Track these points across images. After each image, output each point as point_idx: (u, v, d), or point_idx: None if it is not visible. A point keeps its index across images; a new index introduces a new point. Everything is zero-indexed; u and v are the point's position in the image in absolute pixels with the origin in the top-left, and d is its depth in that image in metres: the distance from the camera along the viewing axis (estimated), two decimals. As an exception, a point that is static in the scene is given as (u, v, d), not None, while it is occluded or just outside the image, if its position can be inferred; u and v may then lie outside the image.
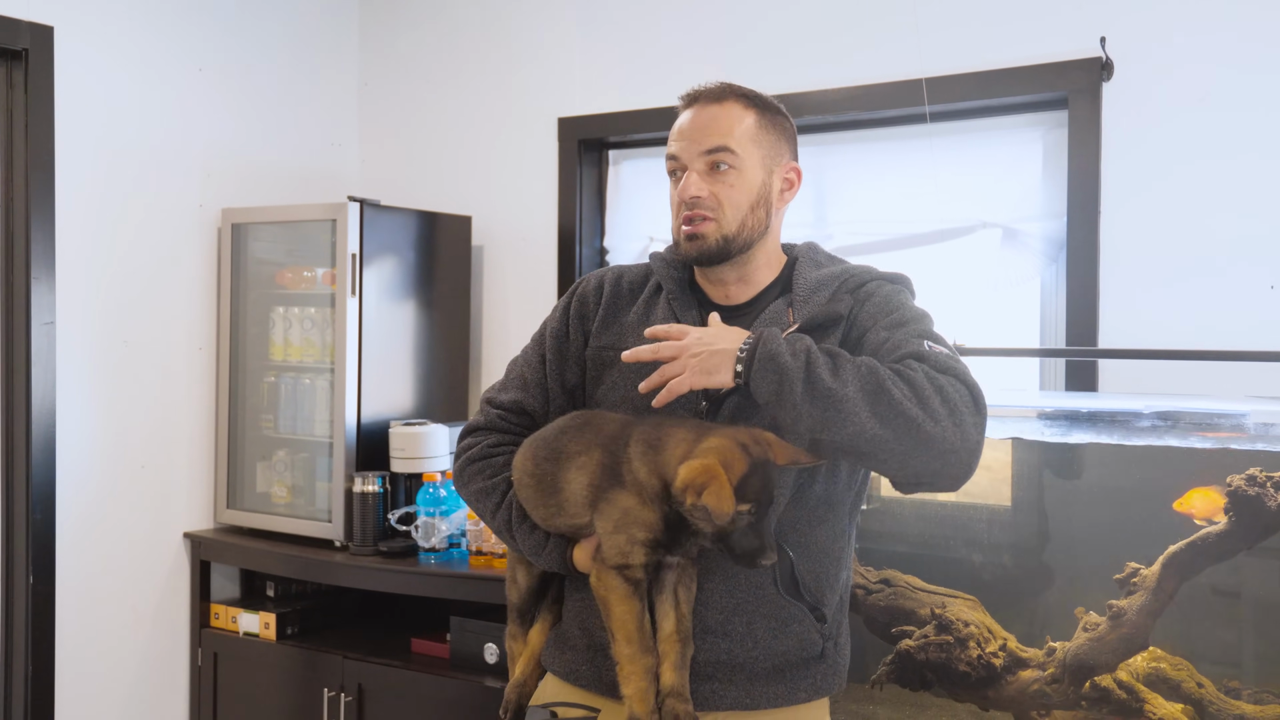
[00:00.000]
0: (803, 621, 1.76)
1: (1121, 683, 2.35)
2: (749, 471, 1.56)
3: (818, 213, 3.35)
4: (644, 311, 1.87)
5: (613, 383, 1.83)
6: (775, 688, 1.75)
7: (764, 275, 1.86)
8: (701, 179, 1.78)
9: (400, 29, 4.09)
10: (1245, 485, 2.23)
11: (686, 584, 1.70)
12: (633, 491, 1.64)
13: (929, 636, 2.49)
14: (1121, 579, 2.37)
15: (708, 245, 1.79)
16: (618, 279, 1.93)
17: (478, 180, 3.91)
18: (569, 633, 1.85)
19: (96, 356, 3.42)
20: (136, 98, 3.51)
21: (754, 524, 1.58)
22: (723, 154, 1.78)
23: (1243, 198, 2.74)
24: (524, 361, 1.92)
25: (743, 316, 1.83)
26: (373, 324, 3.48)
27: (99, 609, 3.43)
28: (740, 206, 1.79)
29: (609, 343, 1.86)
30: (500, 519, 1.83)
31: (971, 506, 2.60)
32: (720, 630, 1.73)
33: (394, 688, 3.19)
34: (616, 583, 1.64)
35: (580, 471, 1.70)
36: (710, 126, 1.79)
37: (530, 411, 1.88)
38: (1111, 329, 2.89)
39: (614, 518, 1.65)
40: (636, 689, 1.63)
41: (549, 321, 1.94)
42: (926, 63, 3.03)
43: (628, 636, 1.64)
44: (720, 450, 1.57)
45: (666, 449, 1.62)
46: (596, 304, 1.90)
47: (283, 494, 3.64)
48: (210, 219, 3.71)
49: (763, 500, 1.58)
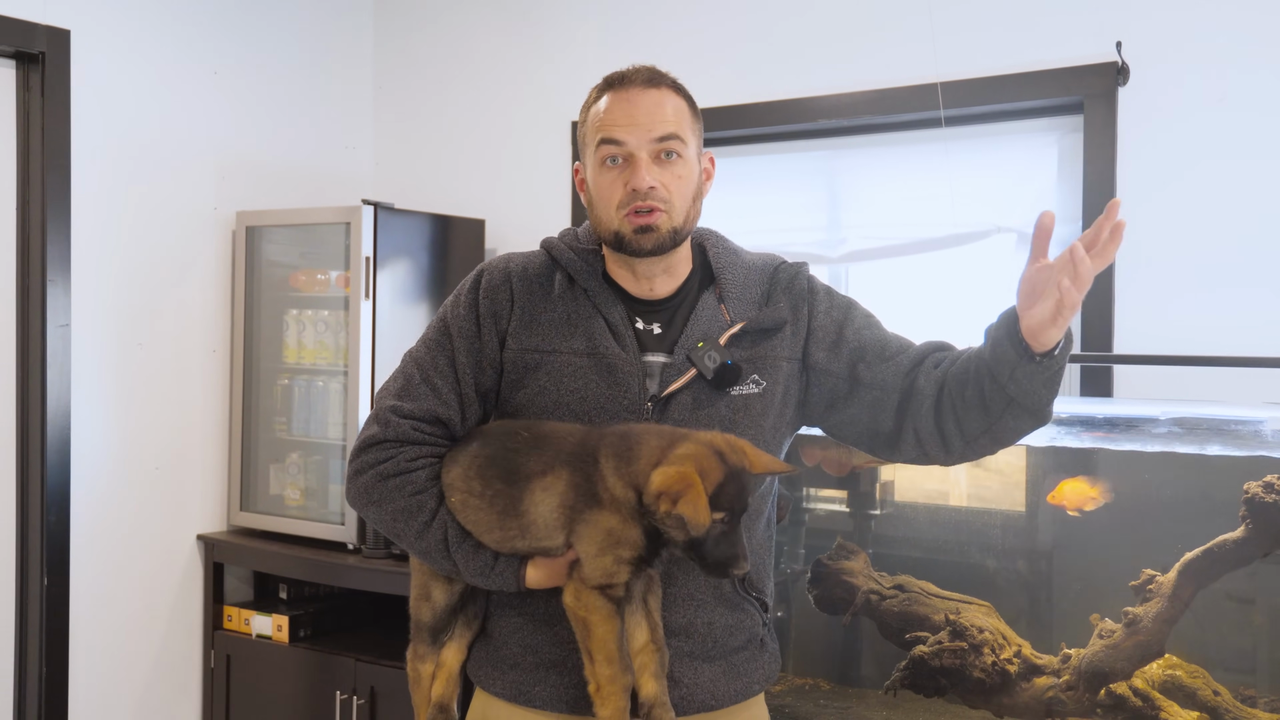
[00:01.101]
0: (752, 614, 1.77)
1: (1137, 690, 2.34)
2: (724, 480, 1.52)
3: (831, 216, 3.34)
4: (563, 309, 1.74)
5: (540, 387, 1.71)
6: (734, 683, 1.75)
7: (684, 266, 1.79)
8: (649, 168, 1.68)
9: (414, 31, 4.09)
10: (1262, 492, 2.21)
11: (655, 592, 1.66)
12: (612, 511, 1.57)
13: (943, 643, 2.48)
14: (1137, 586, 2.35)
15: (661, 237, 1.69)
16: (523, 270, 1.78)
17: (491, 183, 3.91)
18: (506, 651, 1.75)
19: (111, 359, 3.43)
20: (151, 100, 3.52)
21: (727, 533, 1.54)
22: (673, 142, 1.69)
23: (1259, 201, 2.73)
24: (430, 364, 1.75)
25: (667, 310, 1.77)
26: (386, 327, 3.48)
27: (112, 610, 3.44)
28: (686, 197, 1.71)
29: (532, 344, 1.73)
30: (432, 539, 1.68)
31: (986, 512, 2.60)
32: (683, 631, 1.71)
33: (406, 691, 3.17)
34: (599, 603, 1.58)
35: (546, 493, 1.62)
36: (656, 113, 1.69)
37: (445, 420, 1.73)
38: (1127, 334, 2.88)
39: (597, 540, 1.58)
40: (615, 709, 1.58)
41: (452, 319, 1.77)
42: (942, 67, 3.02)
43: (609, 657, 1.58)
44: (696, 457, 1.52)
45: (639, 458, 1.56)
46: (509, 300, 1.75)
47: (295, 496, 3.64)
48: (224, 221, 3.71)
49: (736, 509, 1.54)
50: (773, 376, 1.74)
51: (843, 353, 1.76)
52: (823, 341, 1.76)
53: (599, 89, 1.75)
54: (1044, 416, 1.64)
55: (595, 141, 1.71)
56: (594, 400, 1.69)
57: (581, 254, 1.77)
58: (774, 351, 1.75)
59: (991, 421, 1.64)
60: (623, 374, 1.70)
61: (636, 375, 1.70)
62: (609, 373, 1.70)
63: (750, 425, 1.71)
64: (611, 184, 1.70)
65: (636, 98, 1.69)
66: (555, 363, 1.72)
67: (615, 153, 1.69)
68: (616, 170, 1.70)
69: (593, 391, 1.70)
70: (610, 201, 1.70)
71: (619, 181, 1.69)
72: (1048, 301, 1.51)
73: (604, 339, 1.71)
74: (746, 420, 1.71)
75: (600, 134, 1.70)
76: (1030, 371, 1.56)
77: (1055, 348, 1.56)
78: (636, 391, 1.69)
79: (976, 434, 1.67)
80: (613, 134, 1.69)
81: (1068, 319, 1.52)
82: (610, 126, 1.69)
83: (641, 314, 1.75)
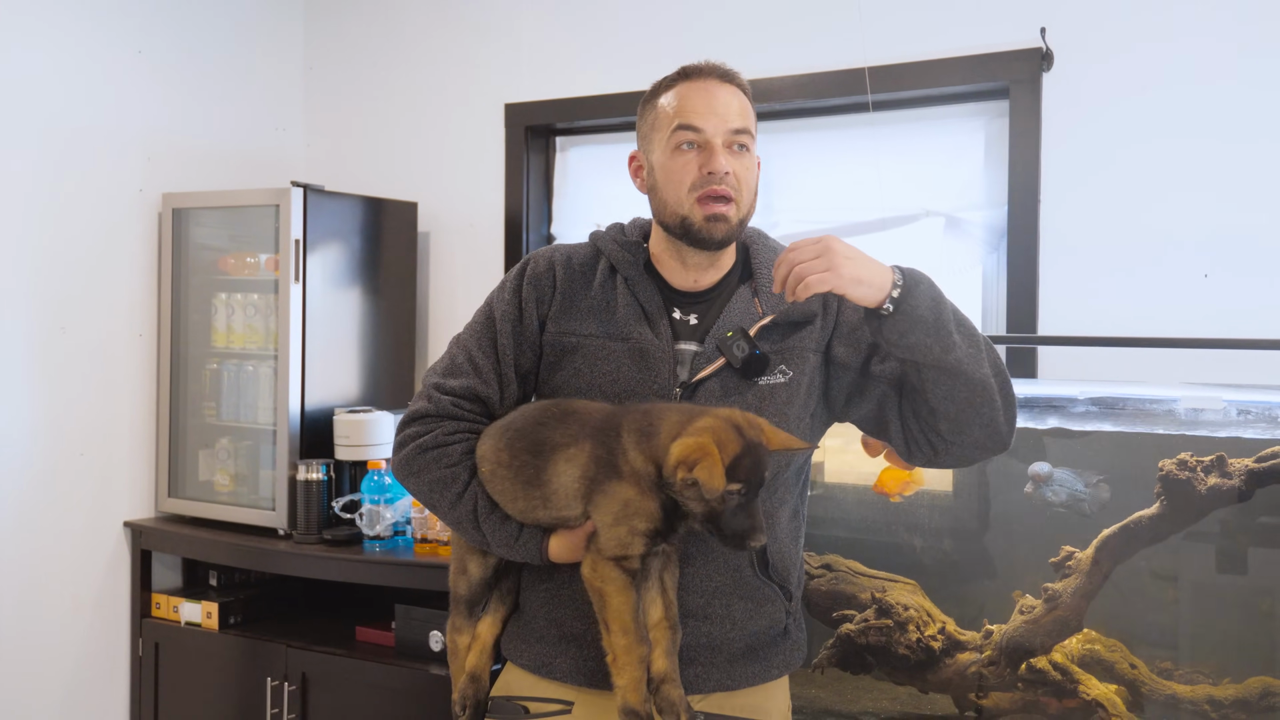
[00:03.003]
0: (774, 601, 1.80)
1: (1057, 664, 2.39)
2: (741, 452, 1.56)
3: (764, 200, 3.31)
4: (602, 296, 1.82)
5: (575, 369, 1.79)
6: (751, 667, 1.79)
7: (728, 260, 1.86)
8: (725, 155, 1.74)
9: (346, 11, 4.04)
10: (1176, 470, 2.27)
11: (671, 570, 1.70)
12: (631, 482, 1.63)
13: (869, 620, 2.52)
14: (1057, 562, 2.41)
15: (731, 229, 1.76)
16: (568, 260, 1.86)
17: (424, 166, 3.88)
18: (534, 624, 1.83)
19: (33, 343, 3.36)
20: (74, 81, 3.44)
21: (744, 504, 1.58)
22: (744, 136, 1.76)
23: (1179, 186, 2.78)
24: (474, 345, 1.84)
25: (706, 302, 1.82)
26: (317, 310, 3.45)
27: (37, 599, 3.38)
28: (752, 190, 1.80)
29: (570, 328, 1.81)
30: (463, 510, 1.76)
31: (913, 492, 2.63)
32: (701, 614, 1.75)
33: (338, 676, 3.17)
34: (615, 574, 1.63)
35: (569, 464, 1.68)
36: (733, 105, 1.76)
37: (484, 398, 1.81)
38: (1051, 316, 2.93)
39: (614, 510, 1.64)
40: (631, 679, 1.63)
41: (497, 303, 1.86)
42: (870, 52, 3.04)
43: (624, 628, 1.63)
44: (714, 429, 1.57)
45: (659, 432, 1.61)
46: (551, 287, 1.84)
47: (225, 482, 3.60)
48: (151, 204, 3.65)
49: (753, 481, 1.58)
50: (799, 368, 1.77)
51: (861, 347, 1.79)
52: (846, 336, 1.80)
53: (671, 79, 1.81)
54: (962, 374, 1.64)
55: (671, 127, 1.77)
56: (625, 384, 1.76)
57: (625, 245, 1.84)
58: (802, 343, 1.78)
59: (926, 399, 1.69)
60: (654, 360, 1.76)
61: (667, 361, 1.76)
62: (641, 358, 1.77)
63: (775, 414, 1.74)
64: (685, 167, 1.75)
65: (714, 89, 1.77)
66: (590, 346, 1.79)
67: (692, 139, 1.75)
68: (692, 154, 1.75)
69: (624, 375, 1.77)
70: (682, 184, 1.75)
71: (693, 164, 1.75)
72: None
73: (638, 326, 1.78)
74: (772, 409, 1.74)
75: (678, 119, 1.76)
76: (892, 325, 1.62)
77: (892, 291, 1.61)
78: (667, 377, 1.75)
79: (931, 419, 1.70)
80: (691, 120, 1.75)
81: (834, 283, 1.60)
82: (688, 113, 1.75)
83: (679, 304, 1.82)
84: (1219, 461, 2.25)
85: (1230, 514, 2.29)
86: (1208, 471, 2.26)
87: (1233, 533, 2.31)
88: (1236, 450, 2.26)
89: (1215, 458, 2.26)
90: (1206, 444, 2.29)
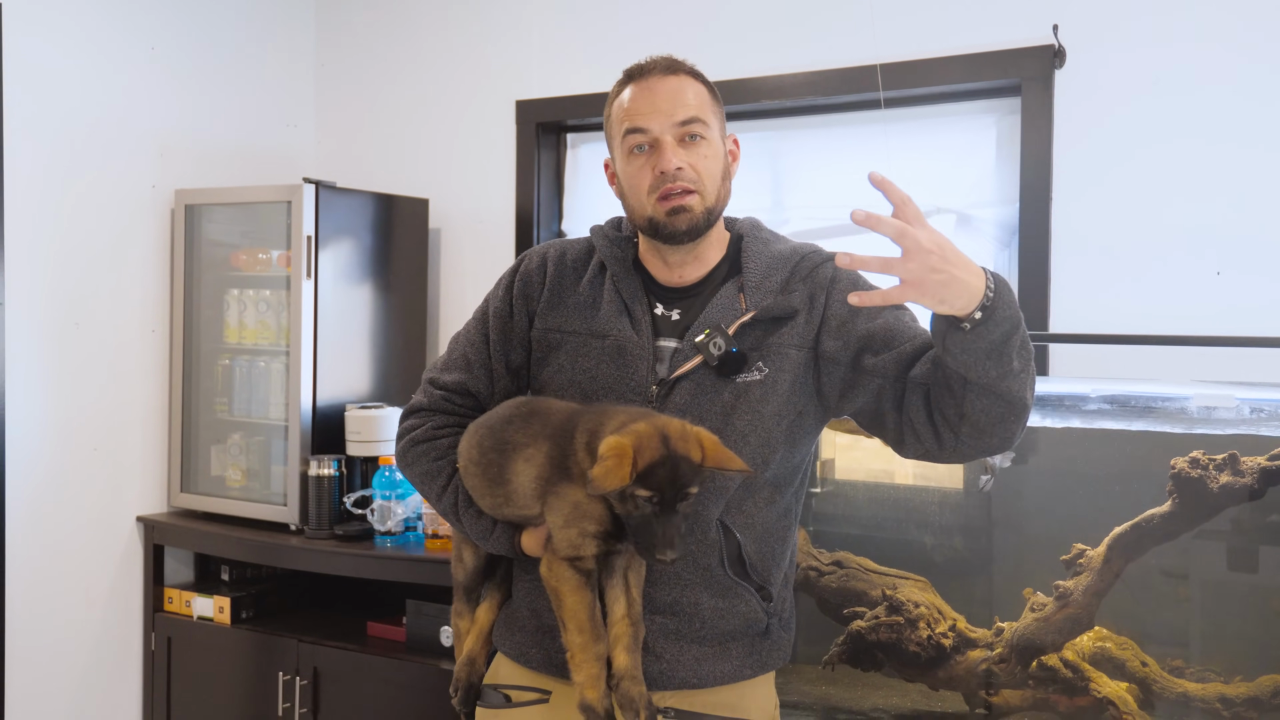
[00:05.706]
0: (749, 600, 1.77)
1: (1068, 662, 2.39)
2: (658, 461, 1.54)
3: (775, 197, 3.36)
4: (589, 293, 1.82)
5: (559, 365, 1.80)
6: (721, 665, 1.76)
7: (714, 254, 1.83)
8: (675, 151, 1.73)
9: (357, 8, 4.05)
10: (1188, 468, 2.27)
11: (636, 568, 1.70)
12: (580, 484, 1.62)
13: (880, 617, 2.52)
14: (1068, 560, 2.40)
15: (695, 219, 1.74)
16: (561, 256, 1.88)
17: (435, 162, 3.89)
18: (518, 613, 1.84)
19: (47, 339, 3.37)
20: (87, 78, 3.46)
21: (656, 515, 1.55)
22: (695, 125, 1.74)
23: (1191, 184, 2.77)
24: (467, 341, 1.88)
25: (691, 298, 1.81)
26: (328, 307, 3.46)
27: (50, 594, 3.39)
28: (715, 177, 1.76)
29: (556, 324, 1.82)
30: (446, 502, 1.81)
31: (923, 489, 2.63)
32: (668, 609, 1.74)
33: (350, 671, 3.18)
34: (569, 574, 1.64)
35: (528, 464, 1.69)
36: (677, 98, 1.75)
37: (475, 393, 1.85)
38: (1063, 313, 2.92)
39: (564, 512, 1.64)
40: (588, 675, 1.64)
41: (491, 300, 1.89)
42: (881, 49, 3.04)
43: (579, 626, 1.64)
44: (640, 433, 1.55)
45: (605, 434, 1.60)
46: (541, 283, 1.85)
47: (237, 477, 3.61)
48: (163, 200, 3.66)
49: (666, 494, 1.55)
50: (777, 364, 1.75)
51: (851, 341, 1.75)
52: (834, 330, 1.76)
53: (620, 83, 1.81)
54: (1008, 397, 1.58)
55: (621, 132, 1.77)
56: (603, 381, 1.77)
57: (615, 241, 1.85)
58: (782, 340, 1.76)
59: (959, 404, 1.61)
60: (631, 357, 1.76)
61: (646, 359, 1.76)
62: (619, 355, 1.77)
63: (748, 411, 1.73)
64: (640, 171, 1.76)
65: (656, 85, 1.76)
66: (573, 343, 1.80)
67: (641, 140, 1.75)
68: (644, 157, 1.75)
69: (603, 372, 1.77)
70: (641, 188, 1.76)
71: (647, 168, 1.75)
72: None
73: (619, 322, 1.78)
74: (745, 406, 1.73)
75: (625, 124, 1.76)
76: (961, 340, 1.52)
77: (976, 312, 1.50)
78: (644, 374, 1.75)
79: (956, 421, 1.63)
80: (637, 122, 1.75)
81: (922, 301, 1.51)
82: (634, 115, 1.75)
83: (664, 300, 1.81)
84: (1231, 459, 2.25)
85: (1242, 512, 2.29)
86: (1220, 469, 2.25)
87: (1245, 531, 2.30)
88: (1249, 448, 2.26)
89: (1227, 456, 2.25)
90: (1219, 442, 2.28)
